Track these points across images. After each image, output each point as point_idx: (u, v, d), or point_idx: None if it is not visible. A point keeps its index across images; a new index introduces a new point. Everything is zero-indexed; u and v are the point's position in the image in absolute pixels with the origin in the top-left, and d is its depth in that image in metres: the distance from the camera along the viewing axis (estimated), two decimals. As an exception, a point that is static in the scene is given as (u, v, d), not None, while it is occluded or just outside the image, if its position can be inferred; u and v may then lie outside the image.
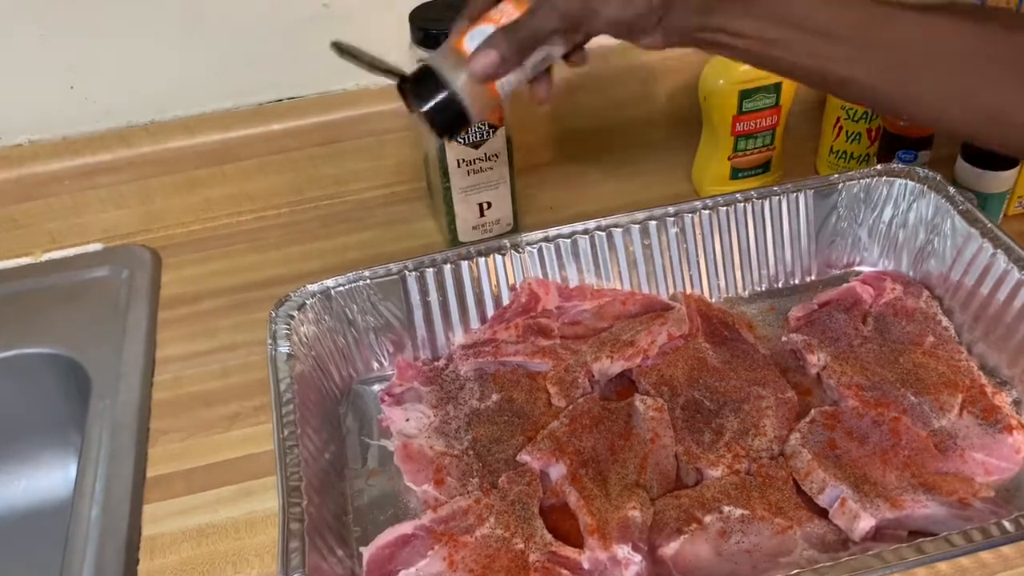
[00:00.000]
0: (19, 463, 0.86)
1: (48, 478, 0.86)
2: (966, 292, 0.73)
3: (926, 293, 0.76)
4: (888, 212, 0.79)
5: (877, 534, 0.59)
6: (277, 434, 0.62)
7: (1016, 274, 0.69)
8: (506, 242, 0.76)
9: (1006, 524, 0.54)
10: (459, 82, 0.58)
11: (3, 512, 0.85)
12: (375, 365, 0.75)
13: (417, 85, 0.60)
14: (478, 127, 0.78)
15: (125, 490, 0.68)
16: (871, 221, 0.80)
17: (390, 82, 0.91)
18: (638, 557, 0.58)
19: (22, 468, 0.86)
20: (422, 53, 0.76)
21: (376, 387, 0.74)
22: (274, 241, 0.91)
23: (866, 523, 0.59)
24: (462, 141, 0.78)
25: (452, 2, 0.76)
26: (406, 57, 0.79)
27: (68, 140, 0.88)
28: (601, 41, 0.95)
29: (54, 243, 0.91)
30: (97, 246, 0.91)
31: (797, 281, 0.81)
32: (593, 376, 0.71)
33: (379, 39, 0.88)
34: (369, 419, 0.72)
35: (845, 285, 0.78)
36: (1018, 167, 0.79)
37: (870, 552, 0.53)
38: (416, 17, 0.76)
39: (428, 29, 0.74)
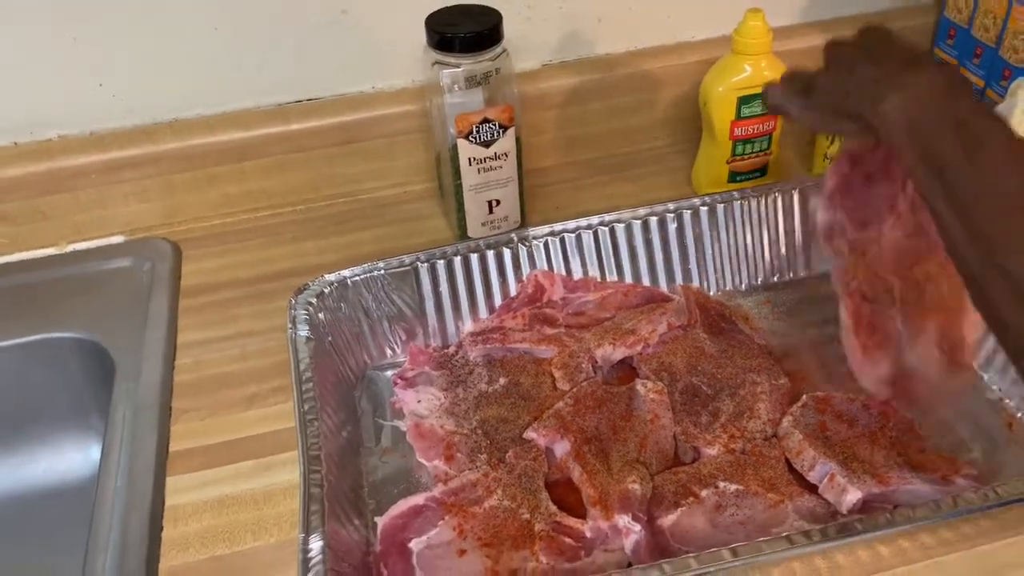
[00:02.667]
0: (41, 445, 0.89)
1: (69, 460, 0.89)
2: (952, 288, 0.77)
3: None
4: (878, 213, 0.83)
5: (864, 507, 0.63)
6: (298, 408, 0.65)
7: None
8: (514, 236, 0.80)
9: (987, 492, 0.57)
10: None
11: (25, 492, 0.88)
12: (388, 352, 0.79)
13: None
14: (488, 127, 0.82)
15: (149, 463, 0.71)
16: (862, 220, 0.84)
17: (405, 85, 0.96)
18: (637, 526, 0.61)
19: (44, 450, 0.89)
20: (438, 57, 0.80)
21: (389, 373, 0.78)
22: (290, 236, 0.94)
23: (853, 496, 0.62)
24: (474, 140, 0.82)
25: (467, 8, 0.81)
26: (421, 60, 0.83)
27: (95, 135, 0.92)
28: (607, 48, 1.00)
29: (79, 235, 0.94)
30: (119, 238, 0.95)
31: (791, 276, 0.85)
32: (596, 362, 0.75)
33: (396, 43, 0.93)
34: (382, 402, 0.76)
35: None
36: (1002, 171, 0.83)
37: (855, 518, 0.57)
38: (432, 22, 0.79)
39: (444, 33, 0.78)
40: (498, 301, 0.80)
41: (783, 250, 0.84)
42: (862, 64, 0.56)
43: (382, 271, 0.77)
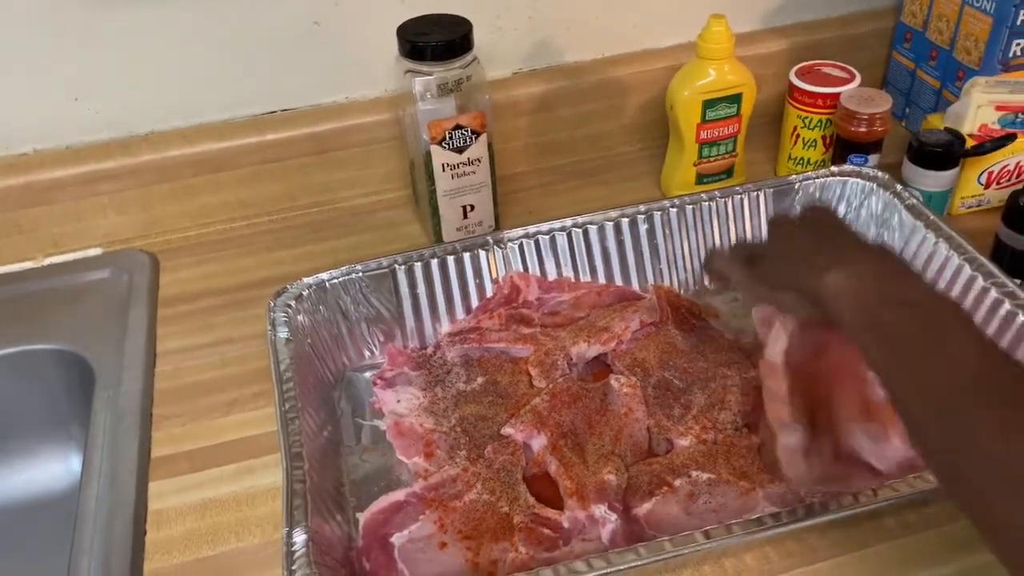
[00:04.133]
0: (21, 456, 0.89)
1: (49, 471, 0.89)
2: (913, 280, 0.79)
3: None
4: (842, 209, 0.86)
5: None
6: (279, 407, 0.66)
7: (956, 260, 0.75)
8: (489, 238, 0.82)
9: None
10: None
11: (5, 504, 0.88)
12: (367, 353, 0.80)
13: None
14: (461, 133, 0.84)
15: (131, 469, 0.72)
16: (826, 218, 0.86)
17: (377, 94, 0.98)
18: (613, 515, 0.63)
19: (24, 461, 0.89)
20: (410, 65, 0.81)
21: (368, 374, 0.79)
22: (266, 245, 0.95)
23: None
24: (447, 146, 0.84)
25: (438, 18, 0.83)
26: (393, 70, 0.85)
27: (72, 149, 0.93)
28: (576, 56, 1.02)
29: (56, 248, 0.95)
30: (97, 250, 0.95)
31: (759, 274, 0.87)
32: (571, 359, 0.77)
33: (368, 54, 0.95)
34: (362, 402, 0.77)
35: None
36: (959, 167, 0.86)
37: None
38: (404, 31, 0.81)
39: (415, 42, 0.80)
40: (475, 302, 0.82)
41: (750, 248, 0.86)
42: (806, 240, 0.57)
43: (360, 273, 0.79)
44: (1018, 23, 0.88)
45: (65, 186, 0.92)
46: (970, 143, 0.85)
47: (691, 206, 0.84)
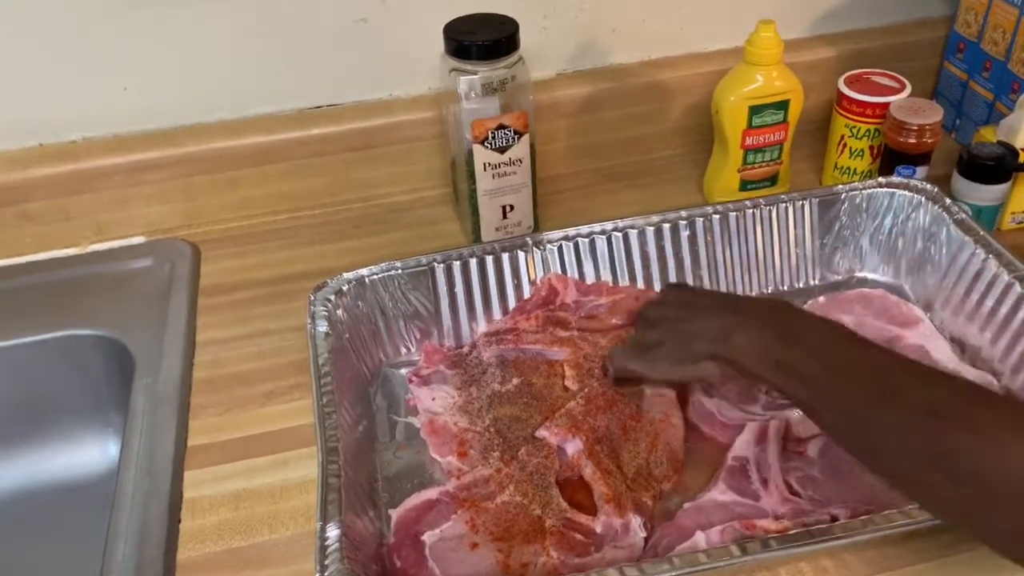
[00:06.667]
0: (61, 439, 0.90)
1: (88, 455, 0.91)
2: (959, 296, 0.78)
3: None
4: (888, 221, 0.84)
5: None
6: (317, 401, 0.67)
7: (1006, 277, 0.73)
8: (528, 239, 0.81)
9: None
10: None
11: (44, 486, 0.90)
12: (403, 350, 0.80)
13: None
14: (504, 133, 0.83)
15: (167, 457, 0.72)
16: (872, 230, 0.85)
17: (421, 92, 0.98)
18: (644, 533, 0.63)
19: (63, 445, 0.91)
20: (455, 64, 0.81)
21: (404, 371, 0.79)
22: (307, 239, 0.96)
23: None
24: (489, 146, 0.84)
25: (484, 17, 0.83)
26: (438, 68, 0.85)
27: (119, 138, 0.94)
28: (621, 59, 1.02)
29: (100, 235, 0.96)
30: (140, 239, 0.96)
31: (801, 285, 0.86)
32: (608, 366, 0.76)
33: (413, 51, 0.95)
34: (397, 399, 0.77)
35: None
36: (1011, 182, 0.84)
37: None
38: (450, 30, 0.81)
39: (461, 41, 0.80)
40: (512, 303, 0.82)
41: (793, 259, 0.85)
42: (688, 316, 0.69)
43: (399, 270, 0.79)
44: (1077, 36, 0.86)
45: (111, 174, 0.93)
46: (1023, 157, 0.84)
47: (734, 213, 0.83)
